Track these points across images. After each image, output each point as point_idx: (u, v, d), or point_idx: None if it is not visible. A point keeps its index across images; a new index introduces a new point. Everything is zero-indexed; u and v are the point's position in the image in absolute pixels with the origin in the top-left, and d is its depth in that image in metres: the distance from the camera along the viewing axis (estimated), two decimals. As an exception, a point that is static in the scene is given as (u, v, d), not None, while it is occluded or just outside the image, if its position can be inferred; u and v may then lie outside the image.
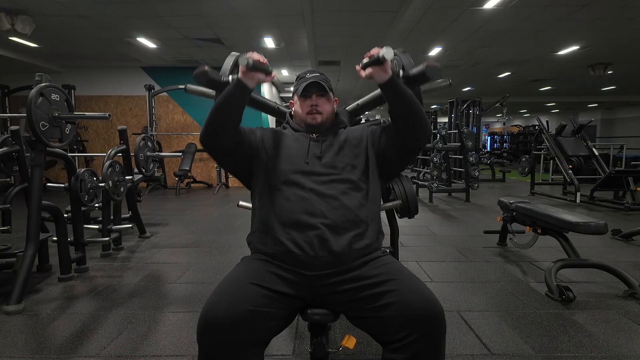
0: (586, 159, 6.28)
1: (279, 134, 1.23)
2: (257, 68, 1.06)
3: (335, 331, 1.75)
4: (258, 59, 1.05)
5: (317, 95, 1.23)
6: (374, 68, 1.04)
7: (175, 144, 7.64)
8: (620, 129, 15.23)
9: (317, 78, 1.22)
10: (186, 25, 5.02)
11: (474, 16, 4.82)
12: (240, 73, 1.06)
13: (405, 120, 1.09)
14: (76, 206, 2.58)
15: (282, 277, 1.00)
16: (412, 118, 1.08)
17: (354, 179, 1.12)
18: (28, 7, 4.30)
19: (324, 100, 1.24)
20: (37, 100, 2.09)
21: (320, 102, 1.23)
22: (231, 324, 0.87)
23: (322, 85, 1.21)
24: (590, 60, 7.28)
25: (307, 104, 1.23)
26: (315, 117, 1.22)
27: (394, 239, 1.87)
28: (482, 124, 11.68)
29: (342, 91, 11.24)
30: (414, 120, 1.08)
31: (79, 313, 1.94)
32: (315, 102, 1.22)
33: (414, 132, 1.10)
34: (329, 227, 1.03)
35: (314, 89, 1.22)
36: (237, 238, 3.45)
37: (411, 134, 1.11)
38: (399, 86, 1.06)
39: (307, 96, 1.23)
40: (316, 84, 1.21)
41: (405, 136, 1.12)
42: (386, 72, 1.04)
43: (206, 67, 1.12)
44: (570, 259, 2.30)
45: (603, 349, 1.59)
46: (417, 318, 0.88)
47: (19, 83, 6.71)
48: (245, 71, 1.05)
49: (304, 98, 1.24)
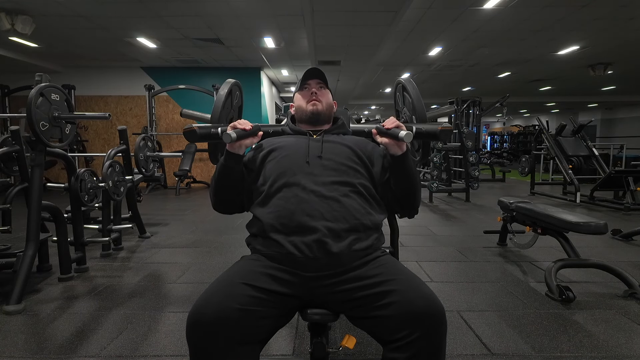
0: (586, 159, 6.28)
1: (277, 138, 1.26)
2: (242, 137, 1.08)
3: (335, 331, 1.75)
4: (243, 127, 1.09)
5: (316, 83, 1.31)
6: (391, 140, 1.08)
7: (175, 144, 7.64)
8: (620, 129, 15.24)
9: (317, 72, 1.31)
10: (186, 25, 5.02)
11: (474, 16, 4.82)
12: (228, 146, 1.09)
13: (402, 193, 1.16)
14: (76, 206, 2.58)
15: (278, 277, 1.00)
16: (409, 193, 1.16)
17: (355, 181, 1.12)
18: (28, 7, 4.30)
19: (323, 91, 1.31)
20: (37, 100, 2.09)
21: (320, 92, 1.30)
22: (218, 321, 0.88)
23: (320, 73, 1.30)
24: (590, 60, 7.29)
25: (307, 93, 1.30)
26: (316, 104, 1.28)
27: (394, 239, 1.86)
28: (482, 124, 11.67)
29: (342, 91, 11.24)
30: (409, 196, 1.16)
31: (79, 313, 1.94)
32: (314, 89, 1.29)
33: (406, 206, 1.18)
34: (329, 230, 1.02)
35: (313, 78, 1.31)
36: (237, 238, 3.45)
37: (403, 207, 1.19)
38: (409, 163, 1.12)
39: (306, 88, 1.31)
40: (315, 70, 1.30)
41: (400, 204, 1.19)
42: (401, 148, 1.09)
43: (194, 125, 1.14)
44: (570, 259, 2.30)
45: (603, 349, 1.59)
46: (418, 317, 0.88)
47: (19, 83, 6.71)
48: (231, 144, 1.08)
49: (304, 90, 1.31)
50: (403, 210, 1.21)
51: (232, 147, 1.09)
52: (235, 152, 1.10)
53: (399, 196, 1.16)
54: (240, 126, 1.09)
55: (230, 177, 1.13)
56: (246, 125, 1.11)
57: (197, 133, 1.08)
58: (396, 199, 1.17)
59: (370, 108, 16.87)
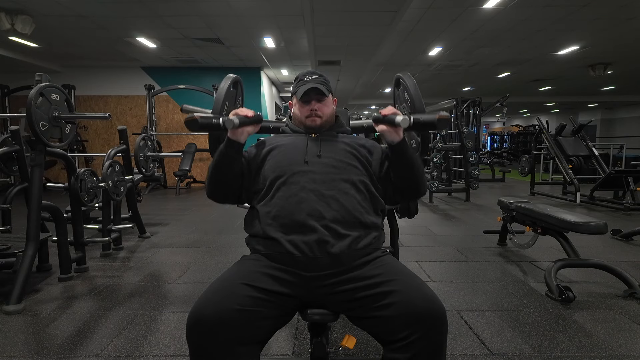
0: (586, 159, 6.28)
1: (277, 137, 1.25)
2: (244, 124, 1.08)
3: (335, 331, 1.75)
4: (245, 114, 1.08)
5: (316, 101, 1.23)
6: (388, 127, 1.07)
7: (175, 144, 7.63)
8: (620, 129, 15.23)
9: (317, 81, 1.23)
10: (186, 25, 5.02)
11: (474, 16, 4.82)
12: (230, 133, 1.09)
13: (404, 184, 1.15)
14: (76, 206, 2.58)
15: (278, 277, 1.00)
16: (411, 183, 1.14)
17: (354, 179, 1.12)
18: (28, 7, 4.30)
19: (323, 104, 1.24)
20: (37, 100, 2.09)
21: (320, 107, 1.23)
22: (218, 322, 0.88)
23: (321, 91, 1.22)
24: (590, 60, 7.29)
25: (306, 109, 1.24)
26: (315, 120, 1.23)
27: (394, 238, 1.87)
28: (482, 124, 11.68)
29: (342, 91, 11.24)
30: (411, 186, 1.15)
31: (79, 313, 1.94)
32: (314, 107, 1.23)
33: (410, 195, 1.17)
34: (328, 229, 1.02)
35: (313, 95, 1.23)
36: (237, 238, 3.45)
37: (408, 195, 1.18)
38: (407, 150, 1.10)
39: (306, 101, 1.24)
40: (316, 89, 1.21)
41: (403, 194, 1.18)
42: (398, 135, 1.08)
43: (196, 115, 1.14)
44: (570, 258, 2.30)
45: (603, 349, 1.59)
46: (419, 317, 0.88)
47: (19, 83, 6.71)
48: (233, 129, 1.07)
49: (304, 103, 1.24)
50: (406, 199, 1.21)
51: (234, 133, 1.09)
52: (236, 140, 1.09)
53: (402, 187, 1.15)
54: (242, 113, 1.08)
55: (228, 166, 1.12)
56: (248, 112, 1.10)
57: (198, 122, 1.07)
58: (399, 190, 1.16)
59: (370, 108, 16.89)
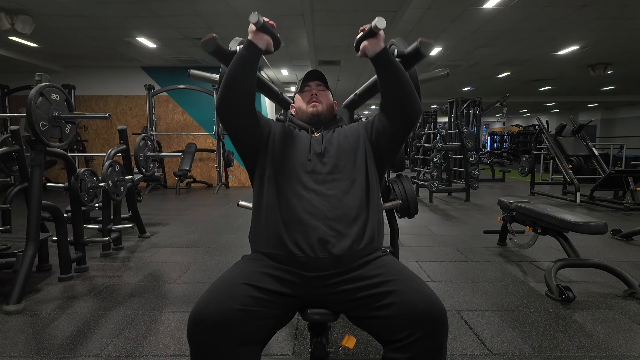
0: (586, 159, 6.28)
1: (286, 131, 1.24)
2: (267, 29, 1.05)
3: (335, 331, 1.75)
4: (268, 21, 1.06)
5: (316, 85, 1.31)
6: (368, 41, 1.04)
7: (175, 144, 7.63)
8: (620, 129, 15.23)
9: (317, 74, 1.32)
10: (186, 25, 5.02)
11: (474, 16, 4.82)
12: (250, 33, 1.06)
13: (396, 94, 1.08)
14: (76, 206, 2.58)
15: (279, 277, 1.00)
16: (402, 91, 1.07)
17: (355, 177, 1.12)
18: (28, 7, 4.30)
19: (323, 93, 1.31)
20: (37, 100, 2.09)
21: (320, 93, 1.30)
22: (219, 322, 0.88)
23: (320, 74, 1.31)
24: (590, 60, 7.28)
25: (307, 95, 1.30)
26: (316, 105, 1.27)
27: (394, 238, 1.87)
28: (482, 124, 11.68)
29: (342, 91, 11.23)
30: (404, 94, 1.07)
31: (79, 313, 1.94)
32: (315, 91, 1.29)
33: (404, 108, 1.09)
34: (330, 229, 1.02)
35: (313, 80, 1.31)
36: (237, 238, 3.45)
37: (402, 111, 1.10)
38: (391, 58, 1.06)
39: (307, 90, 1.31)
40: (315, 72, 1.31)
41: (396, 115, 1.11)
42: (378, 43, 1.05)
43: (214, 34, 1.11)
44: (570, 258, 2.30)
45: (603, 349, 1.59)
46: (420, 318, 0.88)
47: (19, 83, 6.72)
48: (255, 30, 1.04)
49: (304, 92, 1.31)
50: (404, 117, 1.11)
51: (256, 35, 1.05)
52: (256, 43, 1.06)
53: (395, 105, 1.10)
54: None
55: (241, 68, 1.07)
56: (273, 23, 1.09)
57: (215, 42, 1.05)
58: (392, 108, 1.11)
59: (370, 108, 16.89)
